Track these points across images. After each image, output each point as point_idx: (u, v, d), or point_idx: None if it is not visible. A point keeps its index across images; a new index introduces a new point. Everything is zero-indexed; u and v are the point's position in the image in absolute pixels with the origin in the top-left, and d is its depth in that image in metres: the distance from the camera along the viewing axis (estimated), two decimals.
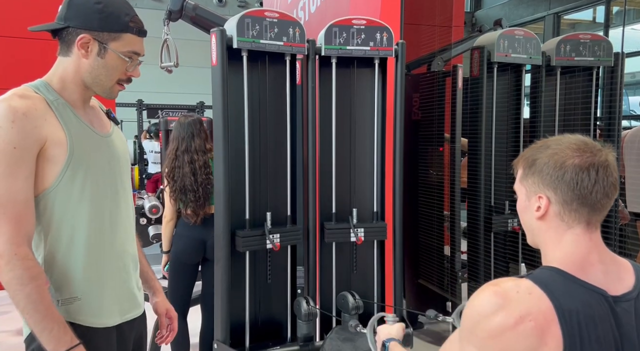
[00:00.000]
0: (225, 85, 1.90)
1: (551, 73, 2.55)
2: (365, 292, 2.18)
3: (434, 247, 3.13)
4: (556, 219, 0.99)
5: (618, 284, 0.97)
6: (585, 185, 0.95)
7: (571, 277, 0.94)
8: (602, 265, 0.97)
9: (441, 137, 3.00)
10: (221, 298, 1.93)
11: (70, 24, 1.15)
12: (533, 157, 1.02)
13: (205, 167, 2.53)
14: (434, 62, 3.08)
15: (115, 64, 1.18)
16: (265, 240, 1.99)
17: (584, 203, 0.96)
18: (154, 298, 1.40)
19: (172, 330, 1.43)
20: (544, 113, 2.57)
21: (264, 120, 2.07)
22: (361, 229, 2.13)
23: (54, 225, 1.14)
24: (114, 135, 1.28)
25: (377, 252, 2.23)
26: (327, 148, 2.15)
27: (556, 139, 1.02)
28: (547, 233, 1.00)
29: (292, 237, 2.08)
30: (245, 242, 1.97)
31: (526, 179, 1.03)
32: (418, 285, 3.25)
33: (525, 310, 0.90)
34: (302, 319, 1.91)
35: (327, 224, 2.13)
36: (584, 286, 0.94)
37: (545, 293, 0.91)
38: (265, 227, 2.01)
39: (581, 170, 0.95)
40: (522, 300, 0.91)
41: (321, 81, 2.15)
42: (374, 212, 2.20)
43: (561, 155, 0.97)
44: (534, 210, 1.01)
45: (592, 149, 0.97)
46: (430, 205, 3.13)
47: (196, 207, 2.51)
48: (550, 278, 0.94)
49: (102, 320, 1.19)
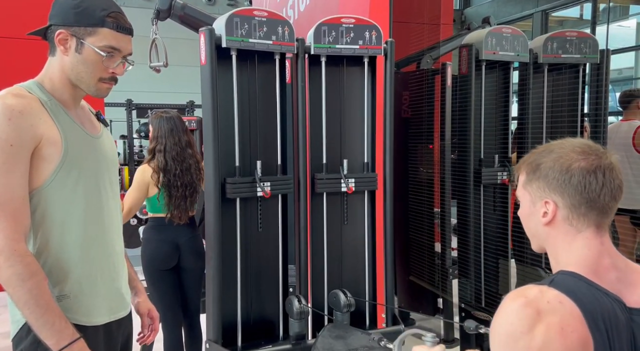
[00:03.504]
0: (214, 84, 1.90)
1: (538, 70, 2.57)
2: (356, 290, 2.19)
3: (425, 244, 3.15)
4: (564, 224, 0.97)
5: (634, 293, 0.94)
6: (593, 188, 0.94)
7: (593, 284, 0.91)
8: (616, 271, 0.95)
9: (431, 134, 3.01)
10: (212, 246, 1.90)
11: (52, 22, 1.17)
12: (537, 162, 1.00)
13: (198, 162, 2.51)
14: (423, 60, 3.10)
15: (93, 59, 1.18)
16: (256, 187, 1.98)
17: (592, 206, 0.94)
18: (136, 298, 1.41)
19: (154, 330, 1.45)
20: (532, 110, 2.59)
21: (254, 119, 2.07)
22: (352, 179, 2.12)
23: (45, 223, 1.15)
24: (103, 137, 1.30)
25: (368, 203, 2.22)
26: (317, 148, 2.15)
27: (559, 143, 1.00)
28: (557, 239, 0.98)
29: (283, 185, 2.06)
30: (235, 188, 1.95)
31: (530, 184, 1.01)
32: (409, 282, 3.27)
33: (564, 321, 0.86)
34: (294, 317, 1.91)
35: (318, 175, 2.12)
36: (607, 294, 0.91)
37: (573, 301, 0.88)
38: (255, 175, 2.00)
39: (588, 173, 0.94)
40: (557, 310, 0.87)
41: (311, 80, 2.15)
42: (364, 162, 2.19)
43: (566, 158, 0.96)
44: (540, 216, 0.99)
45: (597, 152, 0.96)
46: (420, 203, 3.15)
47: (188, 206, 2.46)
48: (574, 285, 0.91)
49: (91, 318, 1.20)
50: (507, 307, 0.89)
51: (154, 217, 2.55)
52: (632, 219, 3.29)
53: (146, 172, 2.49)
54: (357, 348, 1.77)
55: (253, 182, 1.99)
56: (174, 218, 2.47)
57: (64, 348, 1.08)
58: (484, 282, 2.60)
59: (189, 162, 2.48)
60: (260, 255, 2.08)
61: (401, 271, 3.24)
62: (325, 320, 2.15)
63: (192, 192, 2.50)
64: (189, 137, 2.56)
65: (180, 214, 2.47)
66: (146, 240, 2.54)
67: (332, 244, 2.19)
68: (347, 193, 2.17)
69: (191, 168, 2.49)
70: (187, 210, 2.49)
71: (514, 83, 2.67)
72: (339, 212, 2.20)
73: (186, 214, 2.49)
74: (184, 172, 2.46)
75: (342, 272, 2.22)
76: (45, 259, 1.15)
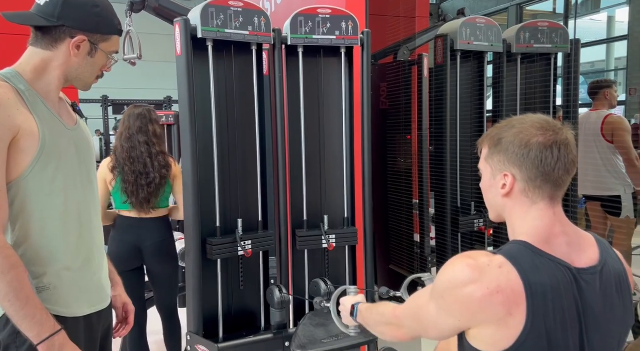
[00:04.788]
0: (191, 75, 1.89)
1: (512, 60, 2.62)
2: (337, 278, 2.21)
3: (404, 233, 3.19)
4: (521, 196, 1.03)
5: (582, 256, 1.02)
6: (549, 162, 0.99)
7: (539, 251, 0.99)
8: (566, 236, 1.02)
9: (409, 125, 3.05)
10: (193, 305, 1.92)
11: (65, 24, 1.18)
12: (499, 136, 1.05)
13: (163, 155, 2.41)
14: (399, 52, 3.12)
15: (101, 62, 1.26)
16: (237, 246, 1.99)
17: (547, 179, 1.00)
18: (113, 291, 1.41)
19: (128, 324, 1.46)
20: (506, 100, 2.64)
21: (231, 111, 2.07)
22: (333, 236, 2.15)
23: (23, 215, 1.14)
24: (80, 128, 1.29)
25: (349, 256, 2.26)
26: (296, 139, 2.16)
27: (520, 118, 1.06)
28: (513, 210, 1.04)
29: (264, 242, 2.07)
30: (217, 249, 1.95)
31: (492, 158, 1.07)
32: (389, 270, 3.31)
33: (495, 284, 0.94)
34: (275, 307, 1.92)
35: (299, 232, 2.14)
36: (551, 259, 0.98)
37: (515, 268, 0.95)
38: (236, 233, 2.00)
39: (545, 148, 0.99)
40: (493, 273, 0.95)
41: (288, 71, 2.15)
42: (345, 217, 2.23)
43: (526, 133, 1.01)
44: (499, 188, 1.05)
45: (554, 128, 1.02)
46: (399, 193, 3.18)
47: (146, 195, 2.35)
48: (519, 253, 0.98)
49: (71, 309, 1.20)
50: (456, 264, 1.00)
51: (121, 215, 2.48)
52: (603, 205, 3.39)
53: (104, 163, 2.45)
54: (338, 335, 1.80)
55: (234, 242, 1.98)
56: (136, 209, 2.39)
57: (45, 340, 1.08)
58: None
59: (141, 150, 2.38)
60: None
61: (381, 260, 3.27)
62: (307, 309, 2.17)
63: (150, 183, 2.37)
64: (154, 127, 2.45)
65: (141, 205, 2.38)
66: (110, 239, 2.49)
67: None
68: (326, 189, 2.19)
69: (143, 155, 2.38)
70: (148, 201, 2.38)
71: (488, 77, 2.72)
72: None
73: (147, 205, 2.38)
74: (136, 159, 2.37)
75: (324, 261, 2.24)
76: (24, 251, 1.15)
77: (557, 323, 0.95)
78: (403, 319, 1.16)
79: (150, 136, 2.41)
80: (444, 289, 0.99)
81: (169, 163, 2.45)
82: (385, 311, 1.25)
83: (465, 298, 0.96)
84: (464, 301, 0.96)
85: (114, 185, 2.42)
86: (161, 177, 2.39)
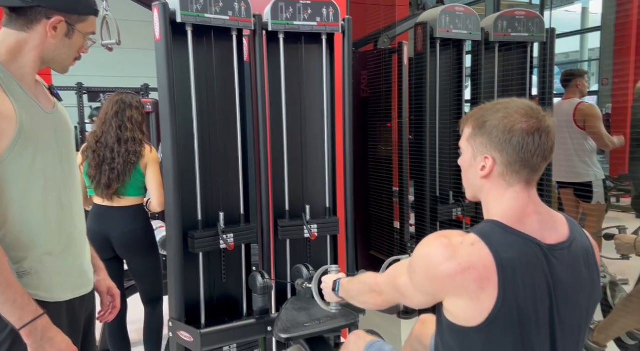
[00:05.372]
0: (170, 60, 1.86)
1: (490, 49, 2.66)
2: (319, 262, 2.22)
3: (385, 220, 3.24)
4: (499, 179, 1.06)
5: (553, 233, 1.06)
6: (530, 148, 1.03)
7: (510, 229, 1.02)
8: (538, 215, 1.06)
9: (389, 113, 3.08)
10: (175, 293, 1.91)
11: (41, 4, 1.14)
12: (483, 119, 1.07)
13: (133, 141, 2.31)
14: (380, 40, 3.14)
15: (79, 44, 1.22)
16: (219, 240, 1.98)
17: (525, 165, 1.04)
18: (96, 276, 1.39)
19: (115, 308, 1.44)
20: (484, 88, 2.69)
21: (212, 97, 2.05)
22: (314, 225, 2.17)
23: (2, 199, 1.13)
24: (58, 111, 1.26)
25: (331, 244, 2.29)
26: (278, 127, 2.16)
27: (505, 102, 1.08)
28: (490, 191, 1.08)
29: (246, 235, 2.07)
30: (199, 243, 1.94)
31: (474, 139, 1.09)
32: (370, 256, 3.36)
33: (467, 261, 0.98)
34: (257, 293, 1.93)
35: (281, 222, 2.14)
36: (522, 236, 1.02)
37: (486, 245, 0.99)
38: (218, 227, 2.00)
39: (527, 134, 1.02)
40: (466, 251, 0.99)
41: (269, 57, 2.14)
42: (327, 207, 2.24)
43: (510, 119, 1.03)
44: (478, 169, 1.08)
45: (538, 115, 1.04)
46: (380, 180, 3.22)
47: (107, 181, 2.27)
48: (491, 231, 1.02)
49: (53, 294, 1.19)
50: (432, 243, 1.03)
51: (94, 203, 2.40)
52: (575, 192, 3.49)
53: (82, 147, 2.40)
54: (320, 318, 1.82)
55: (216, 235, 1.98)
56: (97, 194, 2.33)
57: (27, 324, 1.07)
58: None
59: (112, 134, 2.31)
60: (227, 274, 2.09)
61: (362, 246, 3.32)
62: (289, 295, 2.19)
63: (113, 168, 2.28)
64: (132, 113, 2.37)
65: (102, 190, 2.30)
66: None
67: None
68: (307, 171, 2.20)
69: (112, 140, 2.30)
70: (108, 186, 2.29)
71: (467, 67, 2.76)
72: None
73: (108, 190, 2.29)
74: (103, 143, 2.32)
75: (306, 248, 2.25)
76: (3, 235, 1.13)
77: (528, 297, 0.99)
78: (383, 286, 1.21)
79: (125, 121, 2.34)
80: (418, 265, 1.04)
81: (139, 150, 2.34)
82: (366, 279, 1.30)
83: (437, 275, 1.00)
84: (436, 279, 1.01)
85: (83, 168, 2.37)
86: (126, 163, 2.30)
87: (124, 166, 2.30)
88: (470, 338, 1.01)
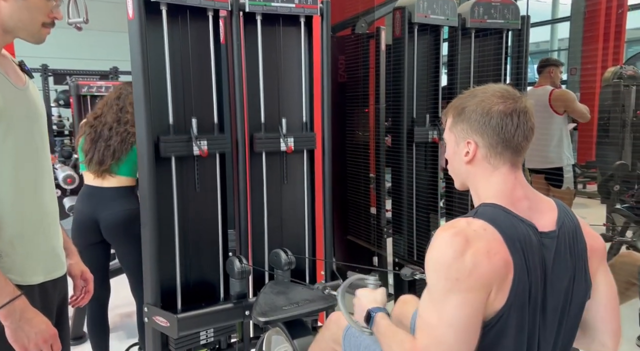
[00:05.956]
0: (144, 40, 1.80)
1: (466, 35, 2.68)
2: (297, 249, 2.23)
3: (362, 205, 3.26)
4: (483, 162, 1.07)
5: (541, 219, 1.07)
6: (509, 129, 1.04)
7: (510, 212, 1.02)
8: (527, 200, 1.07)
9: (366, 98, 3.07)
10: (150, 276, 1.87)
11: None
12: (462, 105, 1.09)
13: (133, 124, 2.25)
14: (357, 24, 3.12)
15: (38, 5, 1.12)
16: (192, 145, 1.92)
17: (507, 146, 1.05)
18: (68, 260, 1.36)
19: (88, 292, 1.41)
20: (460, 75, 2.71)
21: (187, 80, 2.00)
22: (291, 138, 2.12)
23: None
24: (30, 88, 1.20)
25: (307, 163, 2.24)
26: (255, 110, 2.12)
27: (482, 88, 1.09)
28: (476, 176, 1.09)
29: (221, 144, 2.01)
30: (170, 146, 1.87)
31: (455, 126, 1.10)
32: (347, 241, 3.38)
33: (488, 245, 0.96)
34: (235, 277, 1.92)
35: (257, 134, 2.09)
36: (521, 219, 1.02)
37: (495, 228, 0.99)
38: (191, 132, 1.93)
39: (505, 115, 1.04)
40: (482, 236, 0.97)
41: (247, 40, 2.10)
42: (303, 122, 2.20)
43: (487, 102, 1.05)
44: (462, 155, 1.09)
45: (514, 96, 1.06)
46: (357, 166, 3.23)
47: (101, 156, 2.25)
48: (494, 214, 1.02)
49: (25, 277, 1.15)
50: (439, 238, 0.99)
51: (84, 183, 2.38)
52: (546, 178, 3.59)
53: None
54: (299, 302, 1.83)
55: (189, 141, 1.94)
56: (89, 169, 2.29)
57: (5, 305, 1.04)
58: (416, 237, 2.75)
59: (112, 114, 2.30)
60: (198, 217, 2.06)
61: (339, 231, 3.33)
62: (266, 280, 2.18)
63: (109, 145, 2.26)
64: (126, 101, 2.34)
65: (95, 166, 2.26)
66: (74, 207, 2.39)
67: (272, 203, 2.20)
68: (287, 153, 2.18)
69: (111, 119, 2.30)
70: (101, 162, 2.25)
71: (444, 55, 2.77)
72: (279, 171, 2.20)
73: (100, 166, 2.25)
74: (102, 121, 2.31)
75: (283, 232, 2.25)
76: None
77: (533, 277, 1.00)
78: (429, 346, 0.97)
79: (126, 105, 2.32)
80: (448, 270, 0.95)
81: None
82: (406, 343, 1.03)
83: (473, 265, 0.94)
84: (475, 269, 0.94)
85: (79, 142, 2.37)
86: (123, 141, 2.27)
87: (120, 145, 2.27)
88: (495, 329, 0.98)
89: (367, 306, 1.20)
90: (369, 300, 1.22)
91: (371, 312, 1.18)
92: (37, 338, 1.08)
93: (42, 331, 1.09)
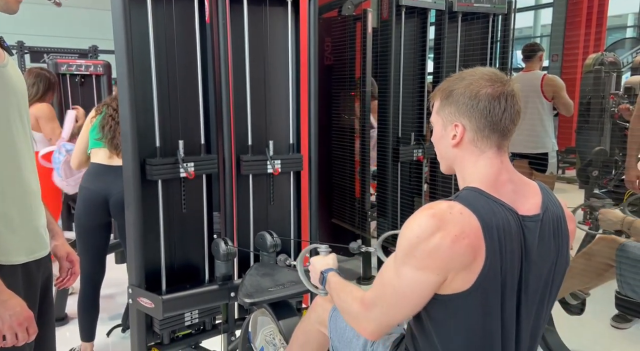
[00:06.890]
0: (127, 19, 1.75)
1: (453, 19, 2.68)
2: (282, 230, 2.24)
3: (347, 188, 3.27)
4: (470, 145, 1.07)
5: (525, 203, 1.08)
6: (496, 112, 1.04)
7: (491, 196, 1.03)
8: (512, 184, 1.07)
9: (353, 81, 3.06)
10: (133, 239, 1.85)
11: None
12: (450, 88, 1.08)
13: None
14: (344, 6, 3.09)
15: None
16: (179, 168, 1.91)
17: (494, 129, 1.05)
18: (53, 241, 1.33)
19: (73, 274, 1.39)
20: (446, 59, 2.72)
21: (172, 60, 1.95)
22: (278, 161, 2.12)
23: None
24: (9, 66, 1.16)
25: (294, 184, 2.25)
26: (241, 91, 2.10)
27: (470, 71, 1.09)
28: (463, 159, 1.09)
29: (207, 165, 2.00)
30: (157, 170, 1.86)
31: (443, 109, 1.10)
32: (331, 224, 3.40)
33: (459, 230, 0.97)
34: (220, 259, 1.92)
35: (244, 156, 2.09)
36: (502, 204, 1.03)
37: (473, 213, 0.99)
38: (178, 154, 1.92)
39: (493, 98, 1.03)
40: (456, 220, 0.98)
41: (232, 20, 2.06)
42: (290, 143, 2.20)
43: (475, 85, 1.05)
44: (450, 139, 1.09)
45: (502, 79, 1.06)
46: (343, 148, 3.23)
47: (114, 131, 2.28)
48: (475, 199, 1.03)
49: (8, 257, 1.13)
50: (417, 217, 1.01)
51: (91, 162, 2.37)
52: (530, 163, 3.64)
53: None
54: (284, 283, 1.84)
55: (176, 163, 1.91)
56: (107, 145, 2.30)
57: None
58: (400, 220, 2.78)
59: None
60: (184, 200, 2.04)
61: (324, 213, 3.35)
62: (252, 262, 2.19)
63: None
64: None
65: (113, 143, 2.28)
66: (79, 189, 2.35)
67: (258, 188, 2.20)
68: None
69: None
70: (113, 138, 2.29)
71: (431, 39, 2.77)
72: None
73: (114, 141, 2.29)
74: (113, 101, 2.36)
75: (268, 218, 2.25)
76: None
77: (508, 263, 1.02)
78: (375, 299, 1.08)
79: None
80: (413, 246, 0.99)
81: None
82: (355, 292, 1.17)
83: (435, 248, 0.97)
84: (435, 252, 0.97)
85: (94, 121, 2.34)
86: None
87: None
88: (454, 304, 1.02)
89: (320, 269, 1.33)
90: (321, 264, 1.35)
91: (324, 273, 1.32)
92: (12, 320, 1.06)
93: (17, 314, 1.07)
